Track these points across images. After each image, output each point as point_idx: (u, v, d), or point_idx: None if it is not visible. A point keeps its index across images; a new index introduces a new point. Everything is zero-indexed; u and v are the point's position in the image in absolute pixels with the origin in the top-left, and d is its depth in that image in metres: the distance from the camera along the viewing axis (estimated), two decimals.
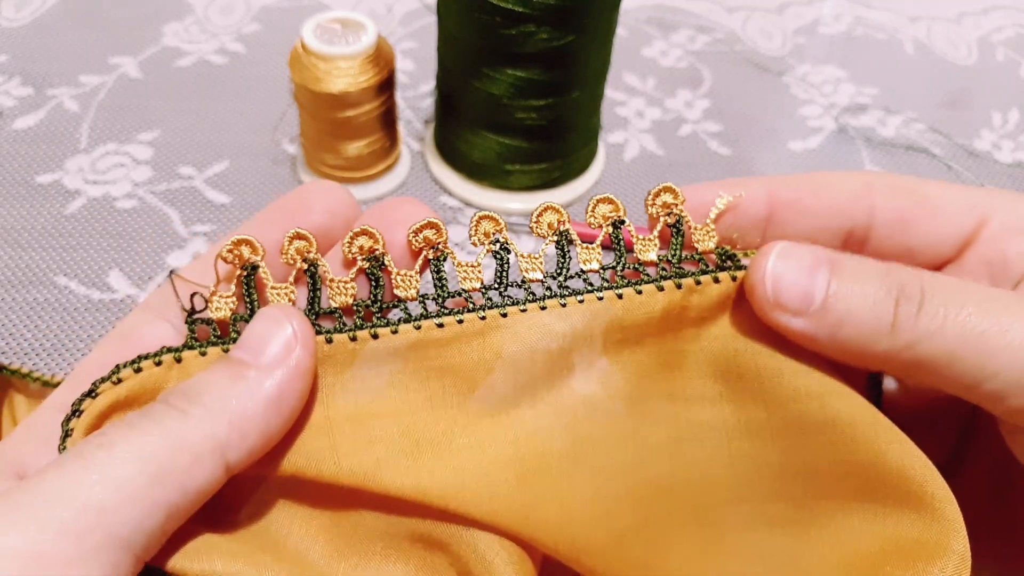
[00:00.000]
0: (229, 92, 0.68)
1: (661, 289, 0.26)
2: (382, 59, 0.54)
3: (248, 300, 0.25)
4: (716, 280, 0.26)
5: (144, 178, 0.60)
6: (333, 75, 0.53)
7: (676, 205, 0.27)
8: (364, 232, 0.25)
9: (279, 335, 0.23)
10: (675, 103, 0.71)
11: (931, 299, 0.23)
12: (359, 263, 0.25)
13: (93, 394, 0.23)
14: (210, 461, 0.21)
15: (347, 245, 0.25)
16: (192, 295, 0.24)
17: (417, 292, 0.25)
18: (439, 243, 0.26)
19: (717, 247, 0.27)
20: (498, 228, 0.26)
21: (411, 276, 0.25)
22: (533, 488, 0.24)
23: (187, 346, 0.24)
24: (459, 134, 0.60)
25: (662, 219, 0.27)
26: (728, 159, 0.66)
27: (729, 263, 0.27)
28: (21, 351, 0.49)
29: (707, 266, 0.27)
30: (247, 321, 0.24)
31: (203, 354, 0.24)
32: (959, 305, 0.23)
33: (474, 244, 0.26)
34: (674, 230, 0.27)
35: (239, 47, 0.73)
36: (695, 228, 0.27)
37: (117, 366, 0.23)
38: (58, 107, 0.65)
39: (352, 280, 0.25)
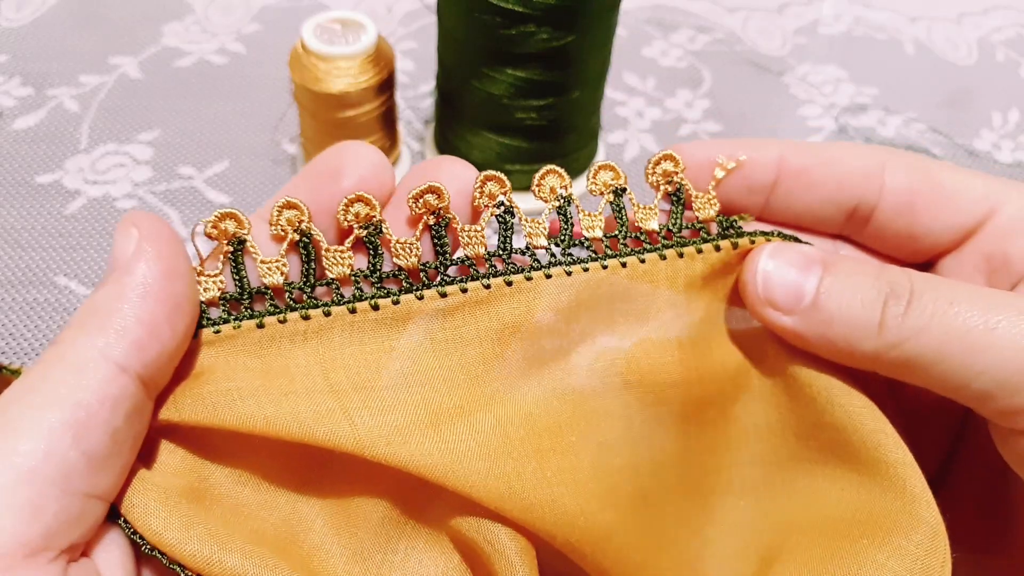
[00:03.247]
0: (229, 92, 0.68)
1: (663, 258, 0.26)
2: (382, 59, 0.54)
3: (237, 277, 0.23)
4: (717, 248, 0.26)
5: (144, 178, 0.60)
6: (333, 75, 0.53)
7: (676, 173, 0.27)
8: (360, 199, 0.24)
9: (128, 243, 0.21)
10: (675, 103, 0.71)
11: (919, 298, 0.23)
12: (356, 231, 0.24)
13: None
14: (97, 368, 0.20)
15: (343, 212, 0.24)
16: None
17: (419, 260, 0.24)
18: (440, 208, 0.24)
19: (718, 215, 0.27)
20: (504, 189, 0.25)
21: (411, 244, 0.24)
22: (547, 466, 0.23)
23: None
24: (459, 134, 0.60)
25: (662, 187, 0.27)
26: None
27: (731, 231, 0.27)
28: (21, 351, 0.49)
29: (708, 234, 0.27)
30: (237, 300, 0.23)
31: (193, 336, 0.23)
32: (946, 303, 0.23)
33: (477, 207, 0.25)
34: (674, 199, 0.27)
35: (239, 47, 0.73)
36: (696, 196, 0.27)
37: None
38: (58, 107, 0.65)
39: (349, 249, 0.24)
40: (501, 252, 0.25)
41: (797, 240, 0.27)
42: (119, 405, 0.20)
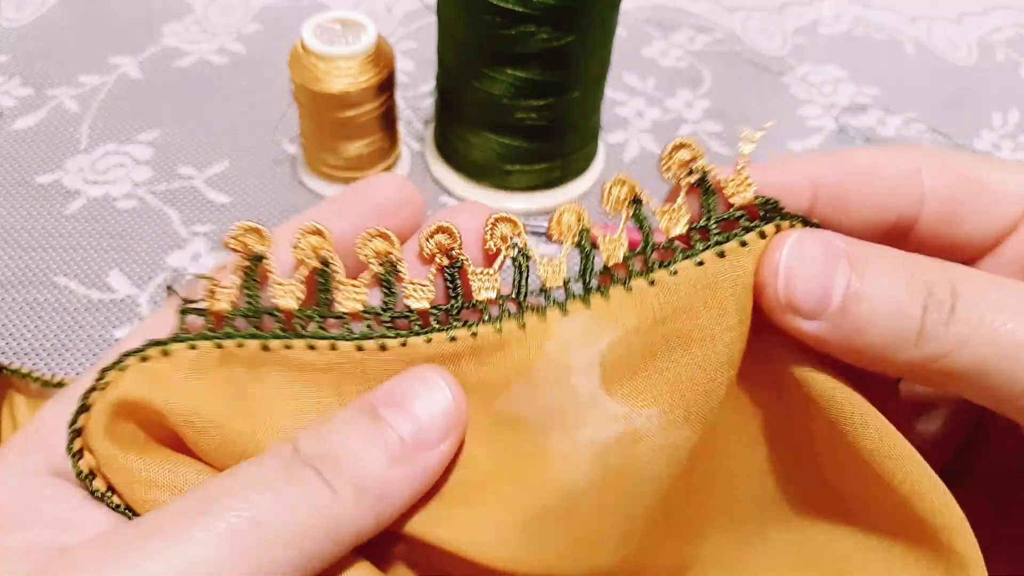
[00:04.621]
0: (229, 92, 0.68)
1: (700, 264, 0.22)
2: (382, 59, 0.54)
3: (250, 293, 0.23)
4: (762, 235, 0.22)
5: (144, 178, 0.60)
6: (333, 75, 0.53)
7: (695, 160, 0.23)
8: (380, 234, 0.23)
9: (438, 406, 0.21)
10: (675, 103, 0.71)
11: (963, 303, 0.20)
12: (372, 267, 0.23)
13: (86, 407, 0.21)
14: (348, 546, 0.20)
15: (361, 246, 0.23)
16: (192, 281, 0.23)
17: (431, 303, 0.23)
18: (452, 249, 0.23)
19: (758, 197, 0.22)
20: (516, 231, 0.23)
21: (423, 286, 0.23)
22: (561, 536, 0.22)
23: (175, 338, 0.22)
24: (459, 134, 0.59)
25: (684, 181, 0.23)
26: (728, 159, 0.65)
27: (772, 214, 0.22)
28: (21, 351, 0.49)
29: (750, 221, 0.22)
30: (246, 316, 0.23)
31: (192, 347, 0.22)
32: (995, 310, 0.20)
33: (488, 251, 0.23)
34: (701, 188, 0.23)
35: (239, 47, 0.73)
36: (726, 182, 0.23)
37: (103, 369, 0.22)
38: (58, 107, 0.65)
39: (365, 285, 0.23)
40: (516, 296, 0.23)
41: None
42: None
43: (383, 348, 0.22)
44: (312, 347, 0.23)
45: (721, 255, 0.22)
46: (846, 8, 0.84)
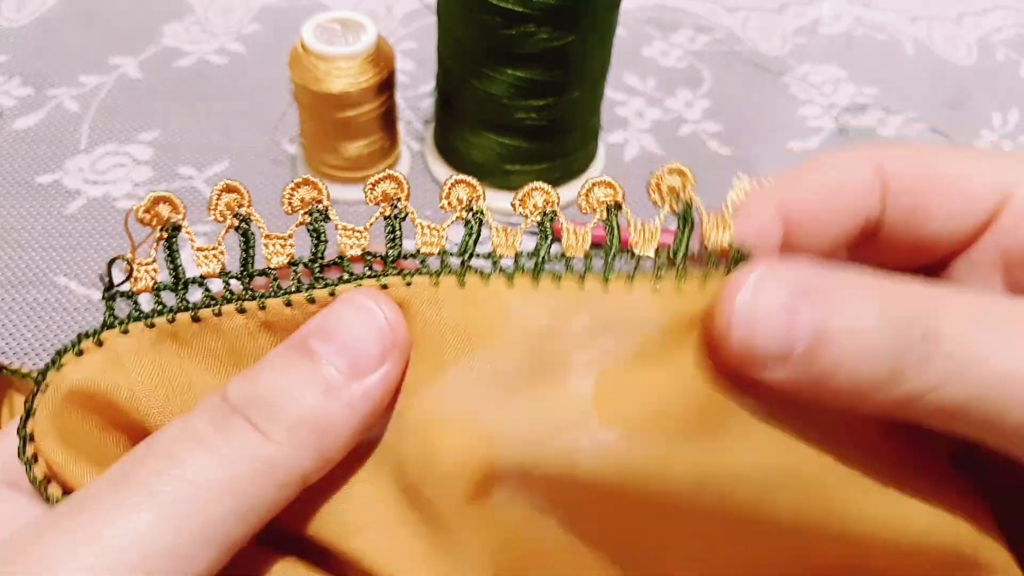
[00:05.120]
0: (229, 92, 0.68)
1: (660, 287, 0.21)
2: (382, 59, 0.54)
3: (172, 266, 0.22)
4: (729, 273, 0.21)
5: (144, 178, 0.60)
6: (333, 75, 0.53)
7: (685, 189, 0.22)
8: (306, 182, 0.22)
9: (372, 330, 0.20)
10: (675, 103, 0.71)
11: (940, 338, 0.19)
12: (300, 217, 0.22)
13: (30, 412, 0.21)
14: (292, 489, 0.19)
15: (287, 197, 0.22)
16: (110, 262, 0.22)
17: (363, 250, 0.22)
18: (397, 198, 0.22)
19: (731, 245, 0.22)
20: (474, 195, 0.22)
21: (358, 231, 0.22)
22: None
23: (106, 325, 0.22)
24: (459, 134, 0.60)
25: (667, 206, 0.23)
26: (728, 159, 0.66)
27: (741, 264, 0.21)
28: (21, 351, 0.49)
29: (716, 266, 0.22)
30: (171, 290, 0.22)
31: (125, 332, 0.22)
32: (976, 342, 0.19)
33: (443, 208, 0.22)
34: (681, 220, 0.22)
35: (239, 47, 0.73)
36: (706, 220, 0.22)
37: (40, 372, 0.21)
38: (58, 107, 0.65)
39: (291, 236, 0.22)
40: (459, 254, 0.22)
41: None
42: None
43: (312, 301, 0.21)
44: (242, 310, 0.21)
45: (680, 286, 0.21)
46: (846, 8, 0.84)
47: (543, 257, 0.22)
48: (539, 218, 0.23)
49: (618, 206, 0.23)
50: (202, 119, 0.65)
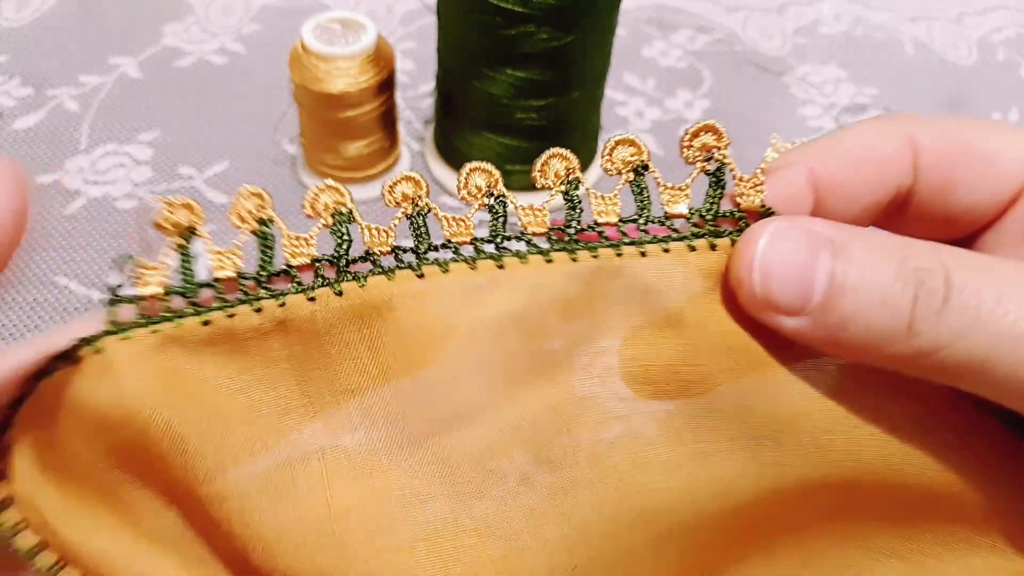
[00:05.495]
0: (229, 92, 0.68)
1: (692, 249, 0.21)
2: (382, 59, 0.54)
3: (186, 271, 0.21)
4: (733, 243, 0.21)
5: (144, 178, 0.60)
6: (333, 75, 0.53)
7: (719, 148, 0.22)
8: (329, 187, 0.21)
9: None
10: (675, 103, 0.71)
11: (959, 291, 0.19)
12: (324, 218, 0.21)
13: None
14: None
15: (310, 202, 0.21)
16: (119, 261, 0.21)
17: (391, 247, 0.21)
18: (418, 197, 0.22)
19: (762, 206, 0.22)
20: (492, 181, 0.22)
21: (384, 230, 0.21)
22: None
23: (107, 332, 0.20)
24: (459, 134, 0.59)
25: (699, 164, 0.23)
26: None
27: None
28: None
29: (748, 226, 0.22)
30: (182, 295, 0.21)
31: (126, 338, 0.20)
32: (994, 297, 0.19)
33: (463, 200, 0.22)
34: (713, 179, 0.22)
35: (239, 47, 0.73)
36: (740, 179, 0.22)
37: (35, 376, 0.20)
38: (58, 107, 0.65)
39: (312, 237, 0.21)
40: (491, 238, 0.22)
41: None
42: None
43: (340, 294, 0.21)
44: (258, 309, 0.21)
45: (713, 248, 0.22)
46: (846, 8, 0.84)
47: (576, 228, 0.22)
48: (564, 187, 0.22)
49: (645, 167, 0.22)
50: (202, 119, 0.65)
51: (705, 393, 0.21)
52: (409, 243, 0.22)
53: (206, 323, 0.21)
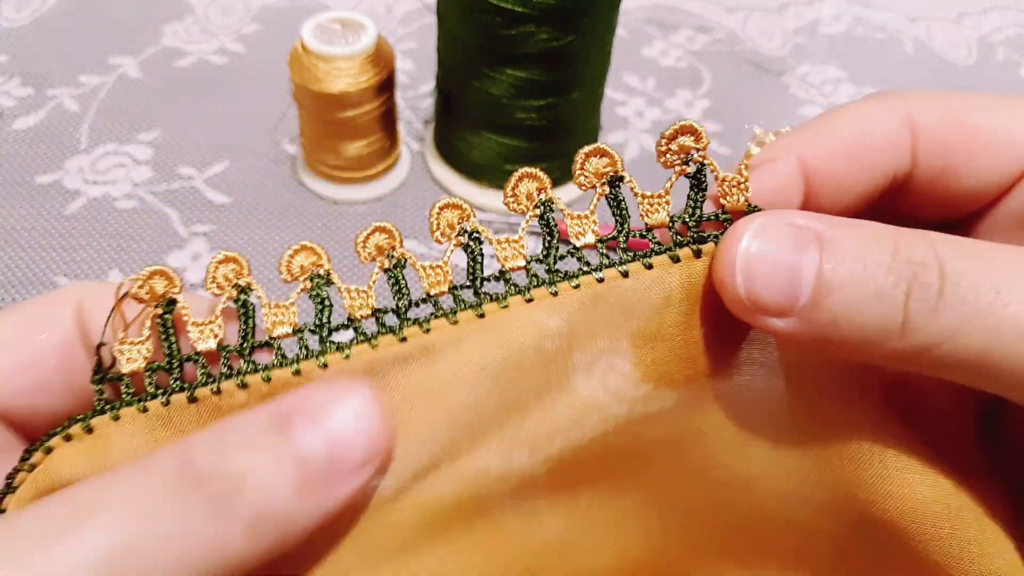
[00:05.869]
0: (229, 92, 0.68)
1: (676, 260, 0.21)
2: (382, 59, 0.54)
3: (167, 343, 0.21)
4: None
5: (144, 178, 0.60)
6: (333, 75, 0.53)
7: (698, 149, 0.21)
8: (304, 248, 0.21)
9: (362, 432, 0.18)
10: (675, 103, 0.71)
11: (954, 284, 0.18)
12: (301, 283, 0.21)
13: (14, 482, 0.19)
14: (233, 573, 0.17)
15: (285, 267, 0.21)
16: (98, 347, 0.20)
17: (372, 309, 0.21)
18: (391, 248, 0.21)
19: (748, 204, 0.21)
20: (464, 216, 0.21)
21: (362, 292, 0.21)
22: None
23: (96, 411, 0.20)
24: (459, 134, 0.59)
25: (677, 168, 0.21)
26: (728, 159, 0.66)
27: None
28: None
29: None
30: (166, 370, 0.20)
31: (116, 418, 0.20)
32: (993, 289, 0.17)
33: (437, 241, 0.21)
34: (693, 181, 0.21)
35: (239, 47, 0.73)
36: (723, 180, 0.21)
37: (27, 450, 0.20)
38: (58, 107, 0.65)
39: (293, 304, 0.21)
40: (470, 283, 0.21)
41: None
42: None
43: (324, 367, 0.20)
44: (244, 384, 0.20)
45: (697, 255, 0.21)
46: (846, 8, 0.84)
47: (554, 257, 0.21)
48: (537, 211, 0.21)
49: (620, 178, 0.21)
50: (202, 119, 0.65)
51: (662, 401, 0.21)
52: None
53: (192, 400, 0.20)
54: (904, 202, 0.24)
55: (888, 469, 0.21)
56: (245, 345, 0.20)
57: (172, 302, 0.21)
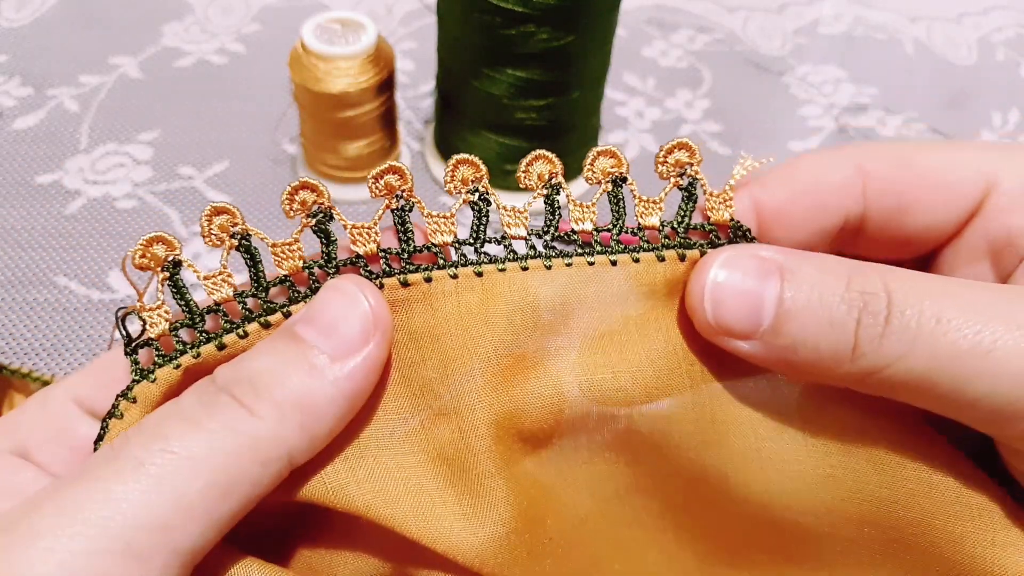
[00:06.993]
0: (229, 92, 0.68)
1: (661, 259, 0.23)
2: (382, 59, 0.54)
3: (183, 301, 0.22)
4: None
5: (144, 178, 0.60)
6: (333, 75, 0.53)
7: (691, 164, 0.24)
8: (305, 185, 0.22)
9: (355, 314, 0.21)
10: (675, 103, 0.71)
11: (899, 313, 0.20)
12: (303, 220, 0.22)
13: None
14: (277, 467, 0.20)
15: (287, 202, 0.22)
16: (121, 316, 0.21)
17: (377, 247, 0.22)
18: (403, 190, 0.22)
19: (732, 220, 0.23)
20: (478, 175, 0.23)
21: (368, 228, 0.22)
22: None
23: (136, 380, 0.21)
24: (459, 134, 0.59)
25: (672, 179, 0.24)
26: (728, 159, 0.66)
27: (741, 240, 0.23)
28: (21, 351, 0.49)
29: (719, 239, 0.23)
30: (191, 326, 0.21)
31: (152, 381, 0.21)
32: (932, 319, 0.19)
33: (449, 192, 0.23)
34: (685, 193, 0.24)
35: (239, 47, 0.73)
36: (711, 194, 0.23)
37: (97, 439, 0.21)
38: (58, 107, 0.65)
39: (297, 240, 0.22)
40: (472, 241, 0.22)
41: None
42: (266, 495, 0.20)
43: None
44: (267, 324, 0.22)
45: (682, 259, 0.23)
46: (846, 8, 0.84)
47: (553, 236, 0.23)
48: (545, 191, 0.23)
49: (623, 179, 0.23)
50: (202, 119, 0.65)
51: (662, 398, 0.22)
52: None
53: (221, 347, 0.22)
54: (865, 243, 0.26)
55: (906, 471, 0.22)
56: (259, 287, 0.22)
57: (177, 263, 0.22)
